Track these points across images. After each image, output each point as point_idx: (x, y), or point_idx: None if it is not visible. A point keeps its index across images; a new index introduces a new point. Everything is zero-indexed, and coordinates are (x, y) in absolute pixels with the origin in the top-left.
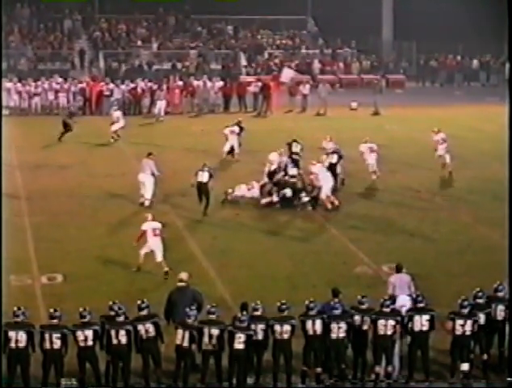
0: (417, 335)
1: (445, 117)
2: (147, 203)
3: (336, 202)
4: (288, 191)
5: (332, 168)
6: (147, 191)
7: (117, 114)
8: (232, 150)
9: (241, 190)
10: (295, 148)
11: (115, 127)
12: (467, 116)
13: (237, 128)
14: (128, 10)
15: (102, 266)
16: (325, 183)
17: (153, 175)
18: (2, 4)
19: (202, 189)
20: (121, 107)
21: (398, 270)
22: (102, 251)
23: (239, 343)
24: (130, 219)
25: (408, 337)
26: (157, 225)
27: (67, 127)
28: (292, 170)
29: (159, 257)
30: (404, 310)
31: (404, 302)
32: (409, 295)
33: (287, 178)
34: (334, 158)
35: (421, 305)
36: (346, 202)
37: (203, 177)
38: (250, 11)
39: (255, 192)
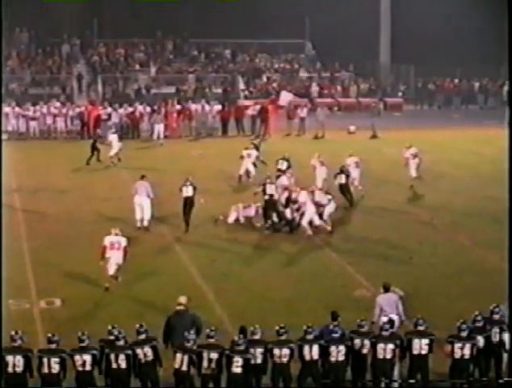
0: (416, 358)
1: (443, 140)
2: (145, 223)
3: (328, 228)
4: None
5: (342, 188)
6: (145, 213)
7: (111, 138)
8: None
9: (236, 211)
10: (281, 165)
11: (111, 152)
12: (465, 139)
13: (254, 152)
14: (126, 34)
15: (101, 290)
16: (310, 212)
17: (148, 196)
18: (1, 28)
19: (187, 203)
20: (119, 131)
21: (386, 290)
22: (101, 276)
23: (237, 366)
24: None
25: (407, 360)
26: (117, 239)
27: (95, 150)
28: (270, 189)
29: (112, 270)
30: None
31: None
32: (397, 314)
33: (266, 197)
34: (343, 179)
35: (422, 328)
36: (344, 225)
37: (188, 192)
38: (248, 35)
39: (251, 212)
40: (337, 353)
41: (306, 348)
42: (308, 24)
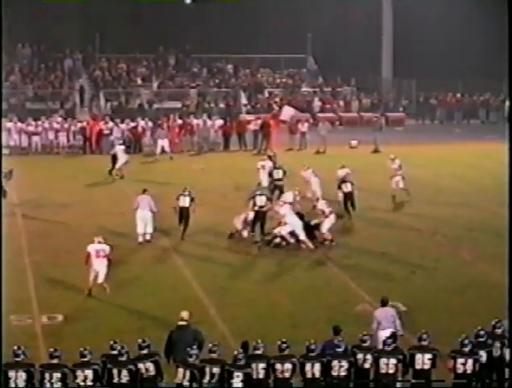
0: (419, 373)
1: (445, 154)
2: (148, 237)
3: (310, 245)
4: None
5: (347, 197)
6: (148, 227)
7: (117, 149)
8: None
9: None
10: (276, 175)
11: (118, 164)
12: (467, 153)
13: (269, 163)
14: (128, 49)
15: (102, 305)
16: (291, 224)
17: (151, 210)
18: (4, 43)
19: (183, 213)
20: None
21: (383, 304)
22: (102, 291)
23: (238, 381)
24: (130, 257)
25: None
26: (102, 246)
27: (116, 161)
28: (260, 201)
29: (101, 278)
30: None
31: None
32: (395, 329)
33: (256, 208)
34: (349, 187)
35: (425, 343)
36: (346, 239)
37: (185, 202)
38: (250, 50)
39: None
40: (339, 368)
41: (308, 366)
42: (310, 39)
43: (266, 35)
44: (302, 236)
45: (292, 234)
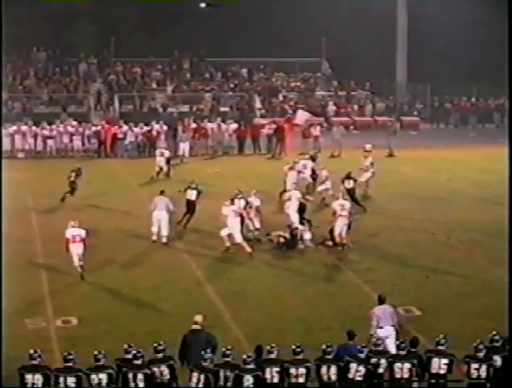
0: (434, 377)
1: (459, 159)
2: (164, 240)
3: (247, 249)
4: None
5: (350, 193)
6: (164, 229)
7: (159, 152)
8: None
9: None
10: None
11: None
12: (481, 158)
13: (309, 163)
14: (143, 53)
15: (117, 308)
16: (231, 226)
17: (168, 211)
18: (19, 48)
19: (189, 205)
20: (135, 149)
21: (381, 302)
22: (117, 294)
23: (248, 385)
24: (145, 260)
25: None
26: (78, 231)
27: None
28: (238, 203)
29: (76, 261)
30: (389, 341)
31: (388, 333)
32: (393, 326)
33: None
34: (351, 183)
35: (443, 347)
36: (360, 243)
37: (192, 195)
38: (265, 54)
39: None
40: (356, 372)
41: (324, 368)
42: (325, 43)
43: (280, 40)
44: (238, 239)
45: (230, 236)
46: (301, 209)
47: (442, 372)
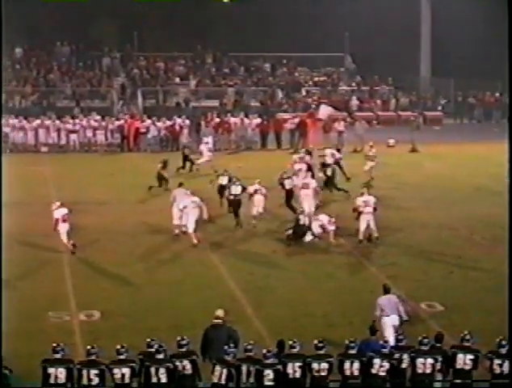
0: (459, 373)
1: (483, 154)
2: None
3: (194, 241)
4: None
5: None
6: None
7: (202, 147)
8: None
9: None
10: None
11: (200, 160)
12: (503, 153)
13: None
14: (166, 48)
15: (139, 303)
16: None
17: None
18: (43, 42)
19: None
20: (158, 143)
21: (386, 291)
22: (139, 288)
23: (268, 380)
24: (167, 256)
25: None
26: (64, 211)
27: (187, 161)
28: (235, 189)
29: (65, 239)
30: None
31: (394, 322)
32: (398, 315)
33: (230, 197)
34: (329, 172)
35: (468, 343)
36: (383, 238)
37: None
38: (288, 49)
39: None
40: (380, 368)
41: (347, 363)
42: (348, 38)
43: (303, 34)
44: (190, 230)
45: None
46: (289, 197)
47: (467, 368)
